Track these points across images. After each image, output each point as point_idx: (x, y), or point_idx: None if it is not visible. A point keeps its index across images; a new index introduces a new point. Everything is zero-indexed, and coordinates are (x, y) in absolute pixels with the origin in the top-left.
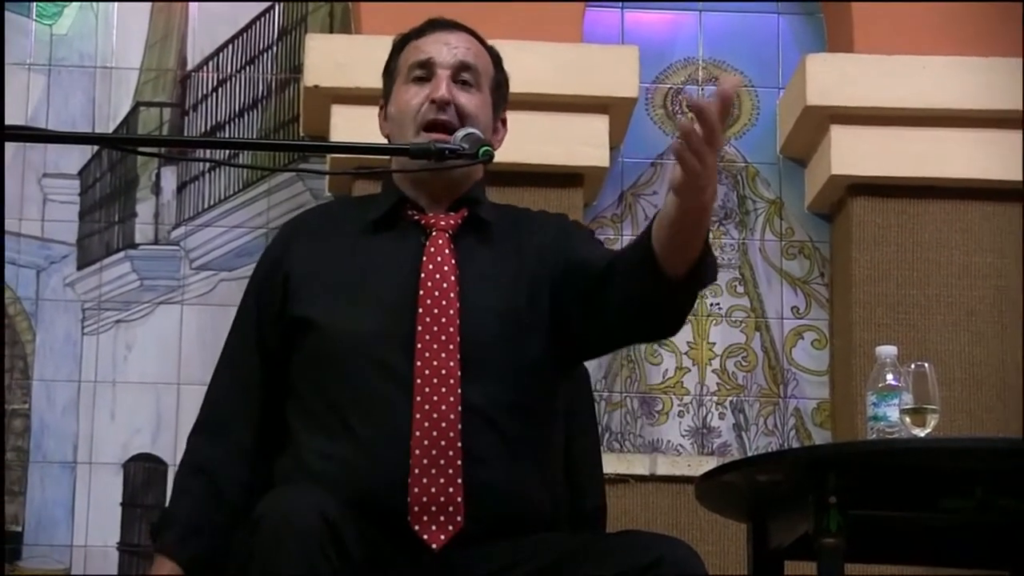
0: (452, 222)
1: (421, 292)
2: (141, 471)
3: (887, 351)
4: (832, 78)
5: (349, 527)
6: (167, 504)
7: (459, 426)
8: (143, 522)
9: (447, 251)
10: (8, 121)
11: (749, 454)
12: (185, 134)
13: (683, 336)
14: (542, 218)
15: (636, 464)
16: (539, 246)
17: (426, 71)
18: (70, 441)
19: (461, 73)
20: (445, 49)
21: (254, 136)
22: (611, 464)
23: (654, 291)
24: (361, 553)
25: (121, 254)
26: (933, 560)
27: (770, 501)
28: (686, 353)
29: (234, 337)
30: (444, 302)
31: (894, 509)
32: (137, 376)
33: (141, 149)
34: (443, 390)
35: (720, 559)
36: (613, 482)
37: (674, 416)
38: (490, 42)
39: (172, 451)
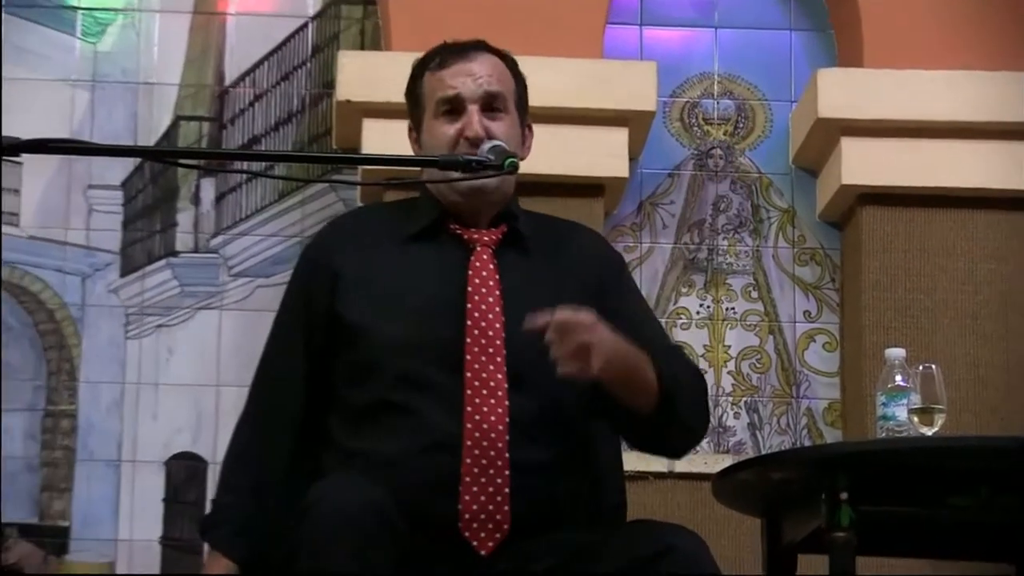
0: (494, 237)
1: (469, 306)
2: (182, 469)
3: (896, 353)
4: (842, 92)
5: (400, 524)
6: (215, 497)
7: (507, 437)
8: (185, 517)
9: (491, 266)
10: (53, 135)
11: (763, 452)
12: (223, 147)
13: (700, 339)
14: (580, 236)
15: (655, 462)
16: (582, 273)
17: (454, 106)
18: (115, 440)
19: (490, 103)
20: (470, 81)
21: (289, 148)
22: (631, 462)
23: (628, 427)
24: (407, 548)
25: (162, 262)
26: (939, 554)
27: (783, 497)
28: (703, 355)
29: (278, 334)
30: (490, 315)
31: (902, 505)
32: (178, 378)
33: (181, 161)
34: (492, 402)
35: (735, 553)
36: (633, 479)
37: None
38: (518, 59)
39: (212, 450)
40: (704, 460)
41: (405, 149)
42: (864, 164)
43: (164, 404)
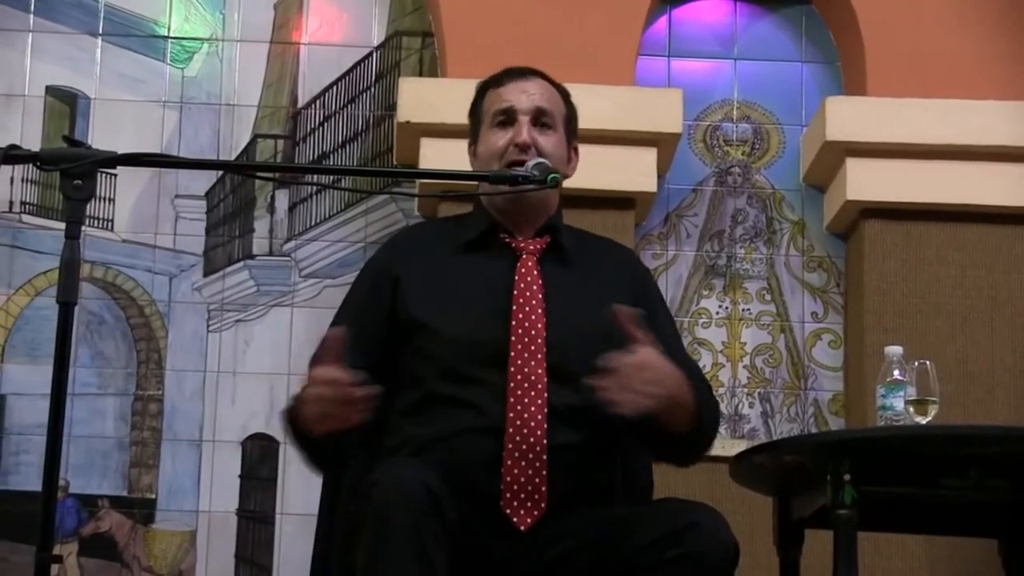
0: (538, 246)
1: (514, 307)
2: (257, 448)
3: (894, 351)
4: (848, 117)
5: (448, 500)
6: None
7: (545, 425)
8: (259, 492)
9: (535, 272)
10: (145, 150)
11: (775, 438)
12: (296, 162)
13: (719, 337)
14: (615, 251)
15: None
16: (618, 283)
17: (508, 117)
18: (197, 422)
19: (539, 118)
20: (524, 97)
21: (354, 164)
22: None
23: (660, 444)
24: (457, 525)
25: (241, 264)
26: (933, 529)
27: (793, 478)
28: (721, 351)
29: (339, 315)
30: (533, 316)
31: (900, 486)
32: (254, 368)
33: (259, 174)
34: (532, 394)
35: (749, 528)
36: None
37: None
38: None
39: (283, 432)
40: (721, 445)
41: (458, 165)
42: (867, 182)
43: (241, 390)
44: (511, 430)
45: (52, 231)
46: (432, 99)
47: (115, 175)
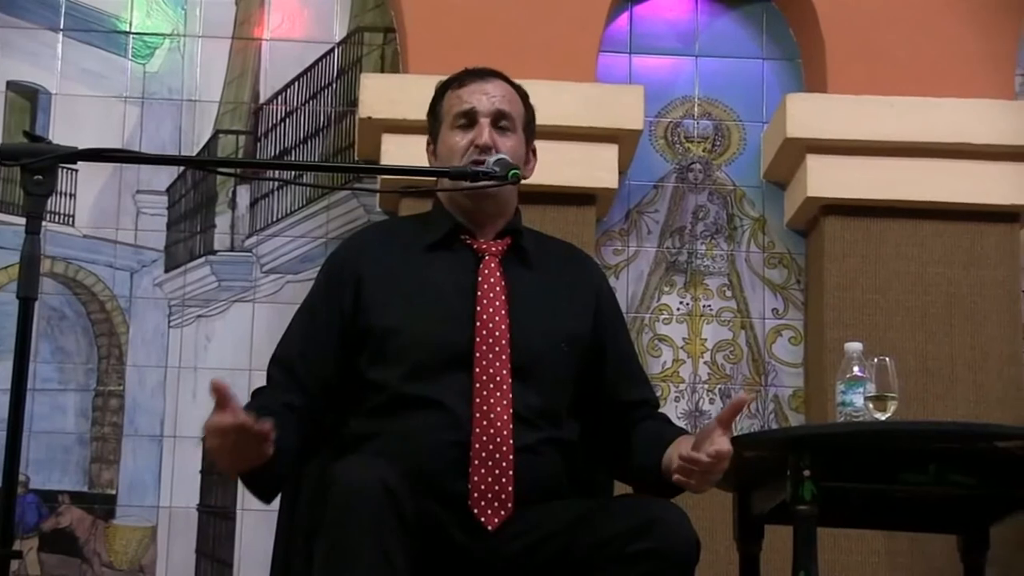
0: (500, 248)
1: (478, 309)
2: None
3: (854, 347)
4: (809, 114)
5: (409, 498)
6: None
7: (511, 425)
8: (219, 487)
9: (498, 274)
10: (107, 145)
11: (735, 434)
12: (257, 157)
13: (679, 333)
14: (576, 258)
15: None
16: (578, 289)
17: (468, 119)
18: (158, 418)
19: (500, 120)
20: (484, 99)
21: (316, 159)
22: None
23: (651, 485)
24: (420, 522)
25: (202, 259)
26: (893, 525)
27: (753, 474)
28: (682, 347)
29: (302, 318)
30: (497, 318)
31: (860, 481)
32: (215, 363)
33: (220, 170)
34: (497, 394)
35: (710, 523)
36: None
37: (671, 401)
38: (520, 82)
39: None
40: None
41: (419, 161)
42: (827, 179)
43: (202, 386)
44: (477, 430)
45: (12, 226)
46: (394, 95)
47: (76, 170)
